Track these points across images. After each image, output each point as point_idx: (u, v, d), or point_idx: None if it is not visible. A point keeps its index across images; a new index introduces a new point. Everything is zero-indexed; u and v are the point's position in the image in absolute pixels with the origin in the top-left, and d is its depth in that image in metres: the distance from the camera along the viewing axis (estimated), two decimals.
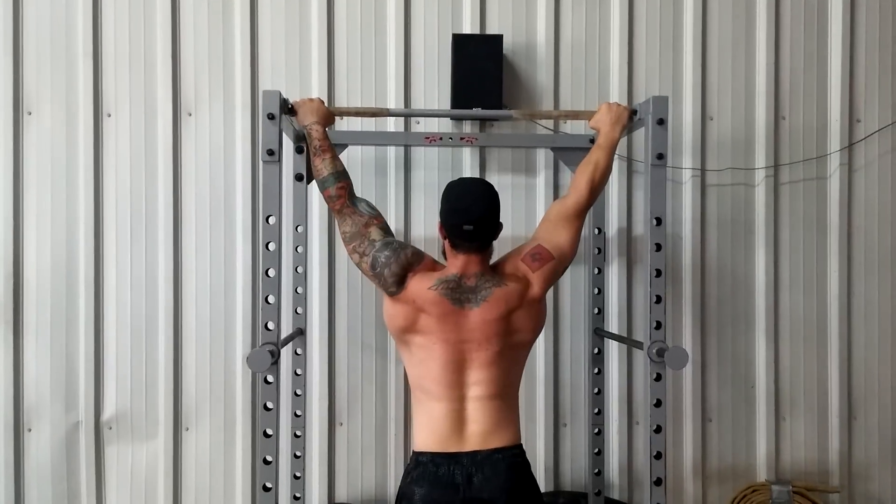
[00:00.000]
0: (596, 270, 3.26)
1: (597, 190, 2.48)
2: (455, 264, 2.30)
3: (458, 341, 2.26)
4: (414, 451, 2.32)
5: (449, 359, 2.26)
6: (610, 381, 3.48)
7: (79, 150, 3.33)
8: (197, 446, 3.40)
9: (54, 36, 3.33)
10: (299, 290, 3.13)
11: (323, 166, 2.42)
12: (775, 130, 3.56)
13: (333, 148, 2.48)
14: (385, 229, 2.39)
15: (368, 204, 2.44)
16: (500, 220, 2.33)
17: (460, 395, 2.28)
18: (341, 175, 2.42)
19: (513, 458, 2.27)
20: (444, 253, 2.37)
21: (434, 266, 2.36)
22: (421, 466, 2.25)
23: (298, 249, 3.11)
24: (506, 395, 2.33)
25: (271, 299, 2.49)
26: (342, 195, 2.39)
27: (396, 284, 2.28)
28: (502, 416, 2.30)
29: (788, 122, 3.58)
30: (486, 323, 2.26)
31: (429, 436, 2.28)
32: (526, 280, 2.33)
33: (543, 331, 3.34)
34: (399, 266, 2.27)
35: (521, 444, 2.34)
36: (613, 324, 3.47)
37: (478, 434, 2.26)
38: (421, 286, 2.26)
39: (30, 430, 3.34)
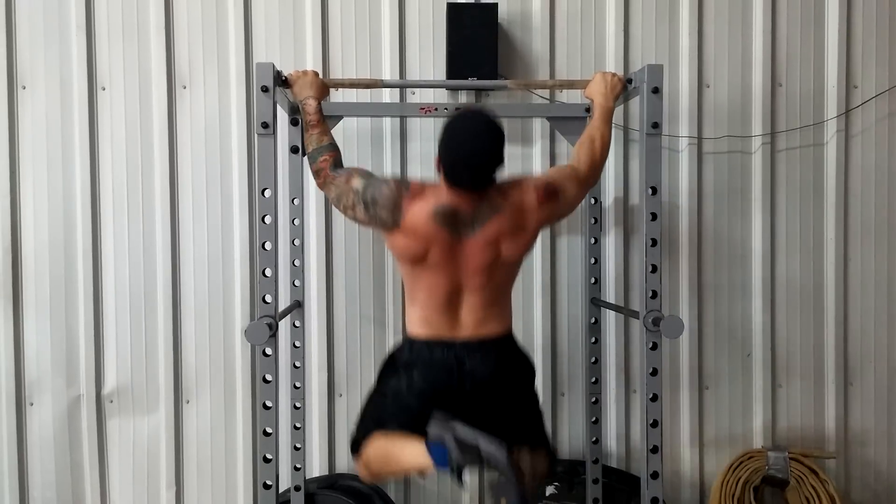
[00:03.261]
0: (592, 240, 3.26)
1: (599, 166, 2.51)
2: (450, 196, 2.24)
3: (453, 269, 2.30)
4: (407, 338, 2.40)
5: (445, 282, 2.31)
6: (607, 351, 3.50)
7: (74, 124, 3.32)
8: (198, 419, 3.43)
9: (47, 9, 3.30)
10: (296, 262, 3.14)
11: (310, 142, 2.44)
12: (772, 97, 3.55)
13: (325, 122, 2.48)
14: (365, 175, 2.37)
15: (343, 166, 2.43)
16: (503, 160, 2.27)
17: (455, 308, 2.34)
18: (325, 149, 2.42)
19: (503, 343, 2.38)
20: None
21: (423, 188, 2.30)
22: (416, 351, 2.36)
23: (295, 222, 3.11)
24: (498, 301, 2.40)
25: (268, 272, 2.50)
26: (324, 167, 2.40)
27: (392, 214, 2.25)
28: (494, 314, 2.37)
29: (785, 89, 3.56)
30: (480, 252, 2.27)
31: (422, 325, 2.36)
32: (528, 209, 2.30)
33: (541, 300, 3.41)
34: (390, 195, 2.25)
35: (511, 333, 2.43)
36: (610, 293, 3.48)
37: (470, 326, 2.34)
38: (420, 216, 2.24)
39: (32, 404, 3.36)
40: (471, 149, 2.17)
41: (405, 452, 2.19)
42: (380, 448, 2.30)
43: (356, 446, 2.40)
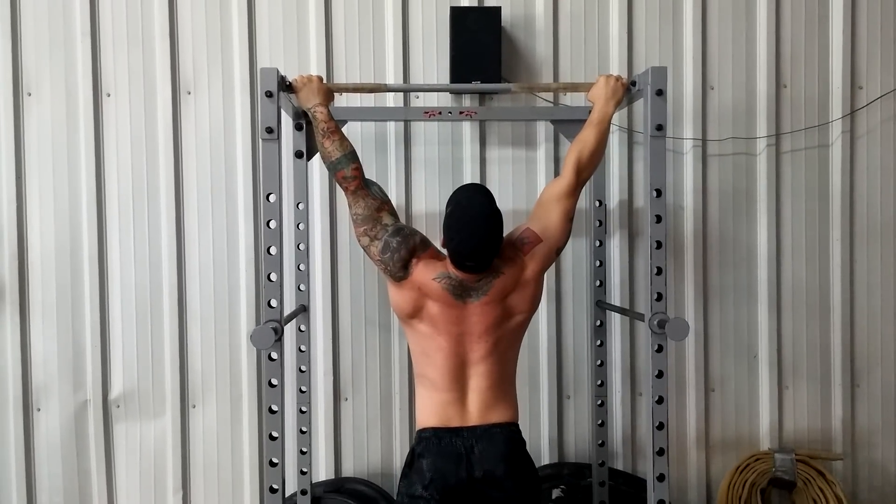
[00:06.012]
0: (597, 243, 3.26)
1: (586, 170, 2.50)
2: (457, 273, 2.32)
3: (459, 334, 2.35)
4: (418, 430, 2.40)
5: (451, 352, 2.35)
6: (612, 353, 3.50)
7: (79, 130, 3.33)
8: (204, 423, 3.43)
9: (52, 15, 3.32)
10: (302, 267, 3.15)
11: (333, 148, 2.42)
12: (777, 99, 3.54)
13: (340, 128, 2.48)
14: (394, 215, 2.45)
15: (379, 188, 2.48)
16: (502, 236, 2.35)
17: (462, 386, 2.37)
18: (353, 156, 2.43)
19: (510, 433, 2.37)
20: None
21: (437, 254, 2.41)
22: (425, 441, 2.34)
23: (300, 226, 3.12)
24: (504, 380, 2.42)
25: (274, 277, 2.50)
26: (357, 176, 2.41)
27: (402, 269, 2.33)
28: (500, 398, 2.39)
29: (790, 91, 3.55)
30: (485, 313, 2.34)
31: (431, 416, 2.37)
32: (520, 263, 2.38)
33: (546, 304, 3.39)
34: (408, 252, 2.33)
35: (517, 423, 2.42)
36: (615, 296, 3.47)
37: (476, 412, 2.35)
38: (426, 275, 2.33)
39: (39, 409, 3.37)
40: (475, 244, 2.24)
41: None
42: None
43: None
